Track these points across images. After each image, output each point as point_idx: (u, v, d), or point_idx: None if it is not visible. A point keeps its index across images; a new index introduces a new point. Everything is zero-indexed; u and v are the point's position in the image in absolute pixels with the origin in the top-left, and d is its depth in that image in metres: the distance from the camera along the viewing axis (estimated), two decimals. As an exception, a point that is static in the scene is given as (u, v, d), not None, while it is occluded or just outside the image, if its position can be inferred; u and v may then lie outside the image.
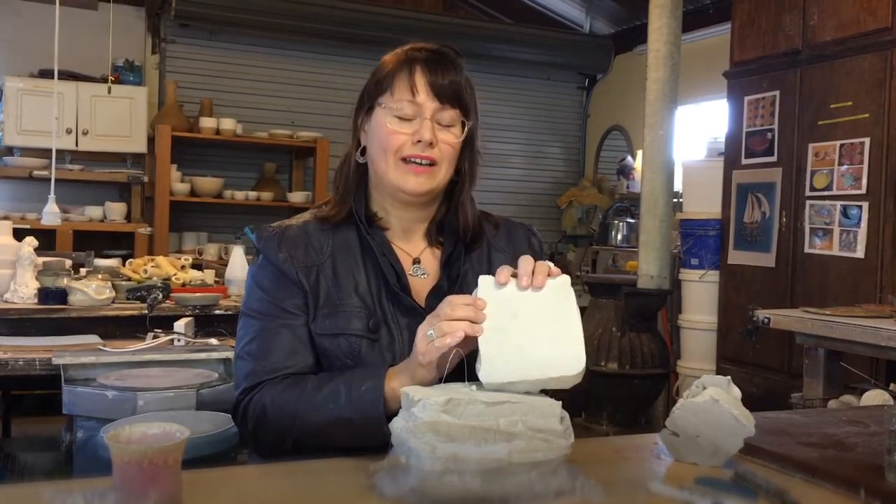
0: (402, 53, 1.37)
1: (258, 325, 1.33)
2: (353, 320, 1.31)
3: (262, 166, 6.09)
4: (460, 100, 1.36)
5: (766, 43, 3.99)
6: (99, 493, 0.93)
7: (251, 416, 1.27)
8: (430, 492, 1.05)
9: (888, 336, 2.45)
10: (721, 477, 1.08)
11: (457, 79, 1.35)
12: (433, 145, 1.33)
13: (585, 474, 1.10)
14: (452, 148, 1.36)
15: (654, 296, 4.37)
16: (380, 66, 1.39)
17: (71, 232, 5.09)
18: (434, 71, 1.34)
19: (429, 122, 1.33)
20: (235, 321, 1.42)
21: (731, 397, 1.10)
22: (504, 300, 1.16)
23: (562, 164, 7.17)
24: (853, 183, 3.54)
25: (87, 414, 1.90)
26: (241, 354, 1.34)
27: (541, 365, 1.12)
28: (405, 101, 1.33)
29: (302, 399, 1.23)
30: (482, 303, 1.15)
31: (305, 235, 1.37)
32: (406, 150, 1.33)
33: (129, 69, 5.68)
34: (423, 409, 1.07)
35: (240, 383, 1.32)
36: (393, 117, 1.33)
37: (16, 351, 2.31)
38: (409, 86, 1.33)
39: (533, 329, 1.15)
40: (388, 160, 1.34)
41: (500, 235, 1.48)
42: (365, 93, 1.40)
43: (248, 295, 1.39)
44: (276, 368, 1.29)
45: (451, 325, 1.13)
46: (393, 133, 1.33)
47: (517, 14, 7.02)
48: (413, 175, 1.33)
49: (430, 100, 1.33)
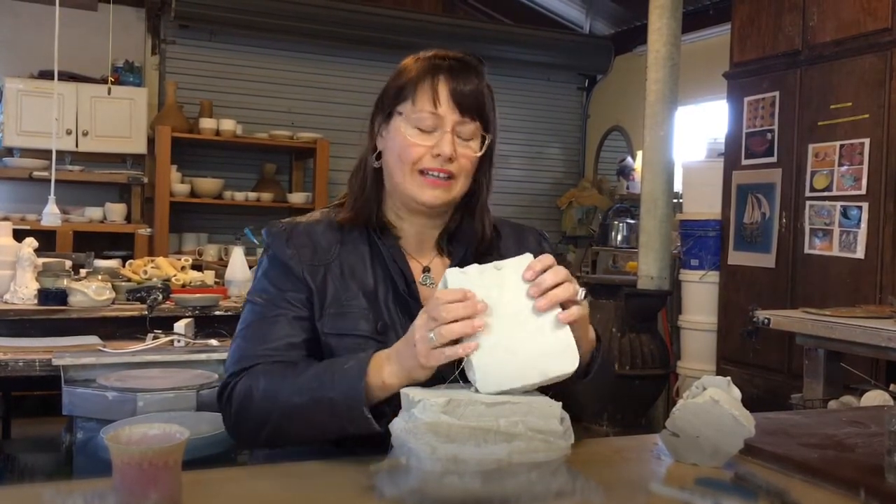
0: (425, 61, 1.35)
1: (258, 309, 1.34)
2: (361, 321, 1.31)
3: (262, 167, 6.09)
4: (481, 113, 1.34)
5: (766, 44, 3.99)
6: (99, 494, 0.93)
7: (236, 398, 1.26)
8: (430, 493, 1.05)
9: (888, 337, 2.45)
10: (721, 478, 1.08)
11: (479, 88, 1.33)
12: (452, 159, 1.31)
13: (585, 475, 1.10)
14: (471, 162, 1.34)
15: (655, 296, 4.37)
16: (400, 70, 1.37)
17: (71, 233, 5.09)
18: (457, 81, 1.32)
19: (449, 136, 1.31)
20: (235, 322, 1.42)
21: (731, 398, 1.10)
22: (478, 291, 1.13)
23: (562, 164, 7.17)
24: (853, 183, 3.54)
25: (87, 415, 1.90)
26: (237, 337, 1.34)
27: (537, 367, 1.11)
28: (426, 111, 1.31)
29: (287, 381, 1.22)
30: (482, 306, 1.12)
31: (314, 234, 1.37)
32: (424, 163, 1.31)
33: (128, 70, 5.68)
34: (423, 411, 1.07)
35: (230, 366, 1.31)
36: (413, 128, 1.31)
37: (16, 352, 2.31)
38: (432, 96, 1.31)
39: (517, 324, 1.13)
40: (406, 171, 1.32)
41: (511, 241, 1.47)
42: (384, 97, 1.38)
43: (253, 284, 1.40)
44: (268, 354, 1.28)
45: (452, 331, 1.10)
46: (412, 145, 1.31)
47: (517, 15, 7.02)
48: (430, 188, 1.32)
49: (452, 112, 1.31)
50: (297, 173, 6.25)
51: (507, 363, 1.10)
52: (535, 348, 1.12)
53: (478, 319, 1.10)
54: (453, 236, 1.41)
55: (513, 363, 1.10)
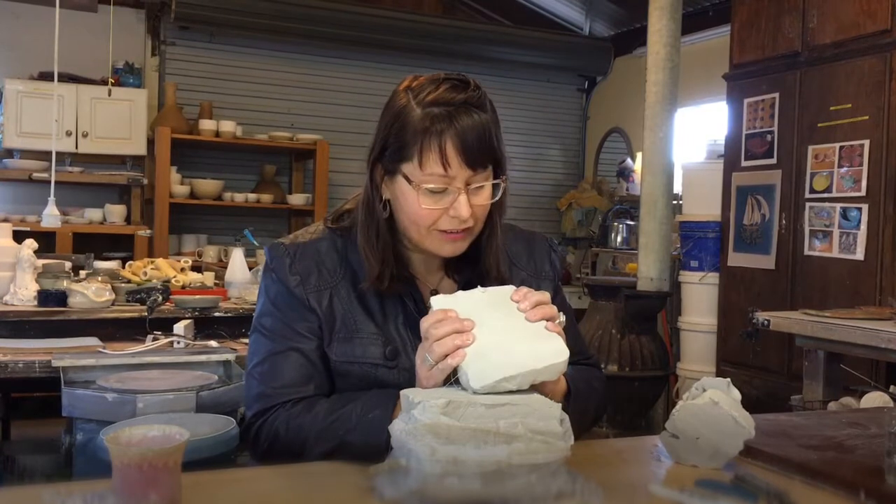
0: (426, 119, 1.22)
1: (268, 345, 1.31)
2: (370, 347, 1.29)
3: (262, 168, 6.09)
4: (493, 157, 1.26)
5: (766, 45, 3.99)
6: (99, 495, 0.93)
7: (264, 439, 1.27)
8: (429, 494, 1.05)
9: (888, 338, 2.45)
10: (721, 479, 1.08)
11: (486, 130, 1.23)
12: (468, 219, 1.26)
13: (585, 476, 1.10)
14: (485, 210, 1.29)
15: (654, 298, 4.37)
16: (400, 119, 1.25)
17: (71, 234, 5.09)
18: (465, 134, 1.22)
19: (464, 196, 1.24)
20: (235, 324, 1.42)
21: (731, 399, 1.10)
22: (465, 312, 1.17)
23: (561, 166, 7.17)
24: (853, 185, 3.54)
25: (87, 416, 1.90)
26: (253, 373, 1.32)
27: (527, 359, 1.13)
28: (437, 175, 1.22)
29: (314, 425, 1.22)
30: (470, 322, 1.15)
31: (318, 255, 1.33)
32: (441, 225, 1.26)
33: (128, 71, 5.68)
34: (422, 412, 1.07)
35: (251, 404, 1.30)
36: (423, 194, 1.24)
37: (15, 353, 2.31)
38: (441, 159, 1.21)
39: (507, 332, 1.16)
40: (422, 232, 1.28)
41: (522, 251, 1.45)
42: (385, 149, 1.27)
43: (260, 307, 1.35)
44: (288, 392, 1.27)
45: (443, 345, 1.13)
46: (427, 212, 1.25)
47: (517, 16, 7.02)
48: (449, 243, 1.29)
49: (463, 169, 1.23)
50: (297, 174, 6.25)
51: (500, 359, 1.13)
52: (526, 346, 1.15)
53: (466, 332, 1.14)
54: (460, 259, 1.37)
55: (505, 357, 1.13)
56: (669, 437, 1.12)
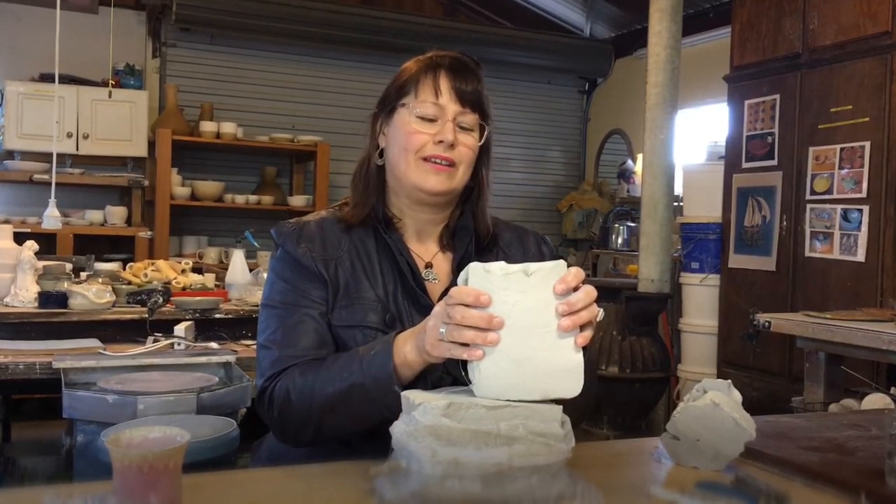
0: (426, 59, 1.42)
1: (281, 313, 1.35)
2: (370, 313, 1.34)
3: (263, 170, 6.09)
4: (481, 106, 1.41)
5: (767, 47, 3.99)
6: (99, 497, 0.93)
7: (276, 400, 1.28)
8: (430, 496, 1.05)
9: (889, 340, 2.44)
10: (722, 481, 1.08)
11: (478, 87, 1.40)
12: (454, 146, 1.36)
13: (586, 479, 1.10)
14: (471, 151, 1.40)
15: (655, 300, 4.37)
16: (402, 70, 1.44)
17: (71, 236, 5.10)
18: (457, 76, 1.39)
19: (451, 124, 1.36)
20: (236, 325, 1.43)
21: (732, 401, 1.10)
22: (496, 296, 1.08)
23: (562, 167, 7.18)
24: (854, 186, 3.54)
25: (88, 418, 1.90)
26: (266, 344, 1.34)
27: (539, 386, 1.09)
28: (429, 102, 1.37)
29: (320, 374, 1.25)
30: (499, 321, 1.07)
31: (322, 231, 1.40)
32: (427, 150, 1.36)
33: (129, 73, 5.69)
34: (423, 414, 1.07)
35: (264, 371, 1.32)
36: (415, 118, 1.37)
37: (16, 355, 2.31)
38: (433, 88, 1.38)
39: (530, 337, 1.09)
40: (409, 160, 1.37)
41: (513, 242, 1.50)
42: (387, 96, 1.44)
43: (268, 287, 1.40)
44: (303, 355, 1.30)
45: (463, 336, 1.08)
46: (415, 133, 1.36)
47: (518, 18, 7.03)
48: (433, 174, 1.36)
49: (453, 102, 1.37)
50: (298, 176, 6.25)
51: (511, 375, 1.09)
52: (543, 366, 1.09)
53: (492, 334, 1.07)
54: (455, 232, 1.44)
55: (516, 376, 1.09)
56: (670, 439, 1.12)
